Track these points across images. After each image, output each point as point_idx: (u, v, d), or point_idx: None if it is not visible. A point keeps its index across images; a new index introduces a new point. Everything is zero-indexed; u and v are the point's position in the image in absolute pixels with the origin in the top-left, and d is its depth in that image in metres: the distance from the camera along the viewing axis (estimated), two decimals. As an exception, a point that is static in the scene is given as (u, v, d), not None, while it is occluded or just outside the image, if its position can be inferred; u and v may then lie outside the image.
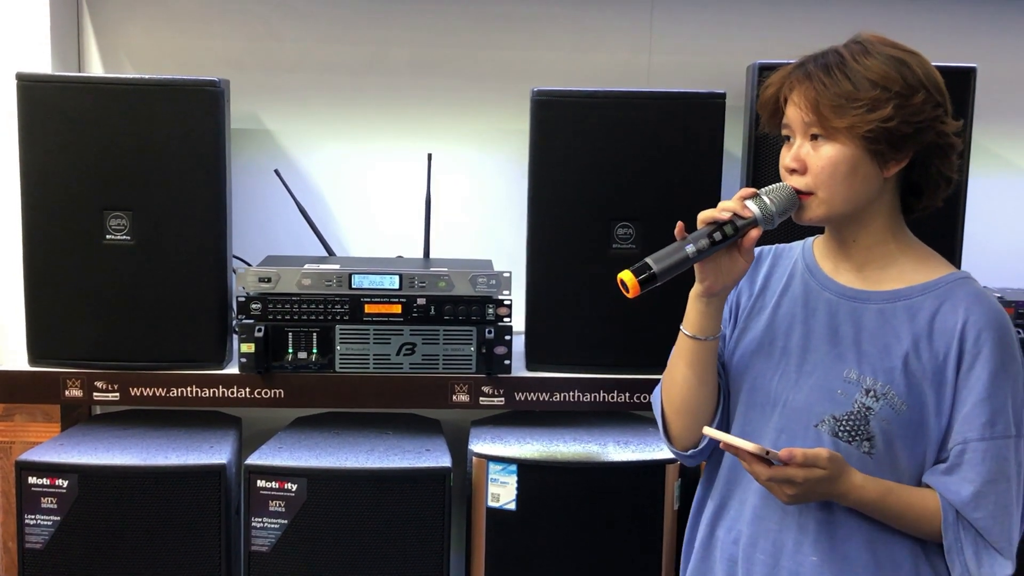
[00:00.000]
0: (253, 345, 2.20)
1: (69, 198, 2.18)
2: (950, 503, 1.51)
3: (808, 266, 1.66)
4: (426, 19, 2.63)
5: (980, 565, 1.51)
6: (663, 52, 2.66)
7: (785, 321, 1.63)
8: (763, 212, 1.52)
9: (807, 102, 1.50)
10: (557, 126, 2.21)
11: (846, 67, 1.49)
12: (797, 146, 1.53)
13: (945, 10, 2.67)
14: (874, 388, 1.52)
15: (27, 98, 2.16)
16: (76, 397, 2.23)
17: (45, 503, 2.10)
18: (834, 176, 1.50)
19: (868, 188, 1.53)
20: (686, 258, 1.49)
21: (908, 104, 1.48)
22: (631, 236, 2.23)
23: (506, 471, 2.16)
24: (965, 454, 1.50)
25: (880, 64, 1.49)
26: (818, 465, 1.46)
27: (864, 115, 1.46)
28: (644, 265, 1.48)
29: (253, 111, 2.63)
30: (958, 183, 2.17)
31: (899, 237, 1.60)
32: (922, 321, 1.54)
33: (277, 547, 2.11)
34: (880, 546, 1.55)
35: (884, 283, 1.58)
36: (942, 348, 1.52)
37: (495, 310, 2.24)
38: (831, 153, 1.50)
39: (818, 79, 1.50)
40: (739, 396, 1.65)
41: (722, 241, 1.51)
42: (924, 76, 1.51)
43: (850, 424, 1.53)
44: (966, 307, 1.53)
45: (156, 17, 2.59)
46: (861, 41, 1.54)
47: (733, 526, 1.64)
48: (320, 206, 2.65)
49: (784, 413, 1.58)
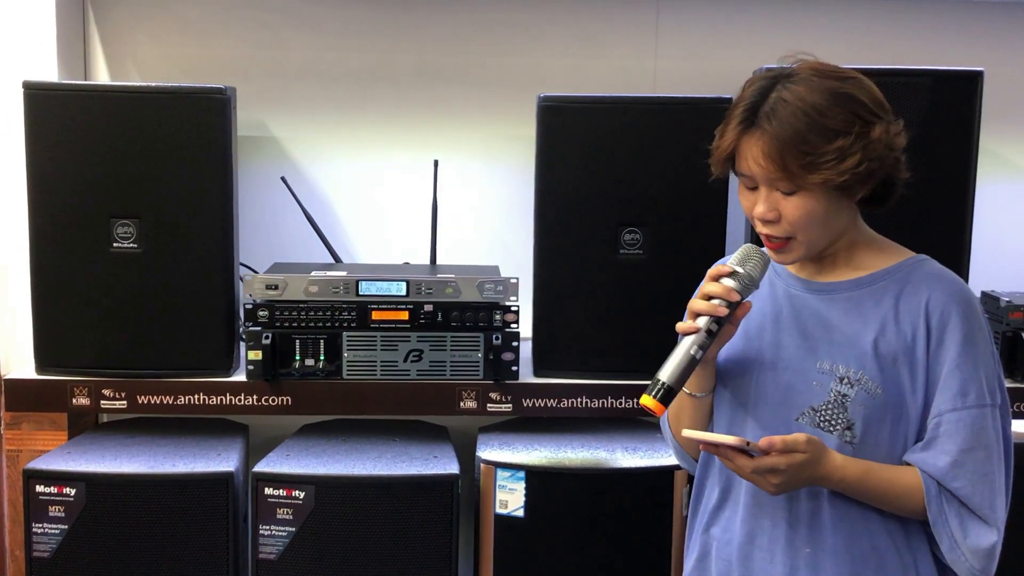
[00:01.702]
0: (260, 352, 2.20)
1: (76, 206, 2.18)
2: (930, 476, 1.53)
3: (773, 265, 1.67)
4: (432, 27, 2.63)
5: (966, 535, 1.52)
6: (669, 57, 2.66)
7: (755, 322, 1.65)
8: (744, 286, 1.55)
9: (768, 160, 1.48)
10: (564, 132, 2.21)
11: (799, 116, 1.47)
12: (766, 196, 1.53)
13: (952, 14, 2.67)
14: (848, 375, 1.55)
15: (34, 106, 2.16)
16: (83, 405, 2.23)
17: (53, 511, 2.10)
18: (811, 223, 1.52)
19: (842, 220, 1.57)
20: (693, 360, 1.54)
21: (870, 141, 1.48)
22: (638, 241, 2.22)
23: (514, 478, 2.15)
24: (940, 427, 1.53)
25: (831, 106, 1.47)
26: (798, 449, 1.49)
27: (836, 167, 1.46)
28: (658, 384, 1.53)
29: (260, 119, 2.63)
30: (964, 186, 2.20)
31: (859, 236, 1.62)
32: (887, 304, 1.56)
33: (285, 555, 2.11)
34: (863, 534, 1.57)
35: (847, 274, 1.61)
36: (909, 328, 1.54)
37: (502, 316, 2.24)
38: (803, 204, 1.51)
39: (776, 135, 1.47)
40: (722, 398, 1.68)
41: (718, 329, 1.55)
42: (872, 103, 1.50)
43: (829, 413, 1.55)
44: (928, 285, 1.56)
45: (162, 25, 2.60)
46: (798, 75, 1.51)
47: (728, 526, 1.67)
48: (327, 213, 2.65)
49: (764, 411, 1.61)
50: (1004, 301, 2.28)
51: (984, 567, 1.53)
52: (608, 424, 2.42)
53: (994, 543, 1.52)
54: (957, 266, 2.21)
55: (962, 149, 2.20)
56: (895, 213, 2.14)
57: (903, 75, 2.18)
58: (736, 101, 1.55)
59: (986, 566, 1.53)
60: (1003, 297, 2.30)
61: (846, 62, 1.58)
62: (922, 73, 2.19)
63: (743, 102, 1.53)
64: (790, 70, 1.54)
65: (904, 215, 2.17)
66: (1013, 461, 1.57)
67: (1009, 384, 2.26)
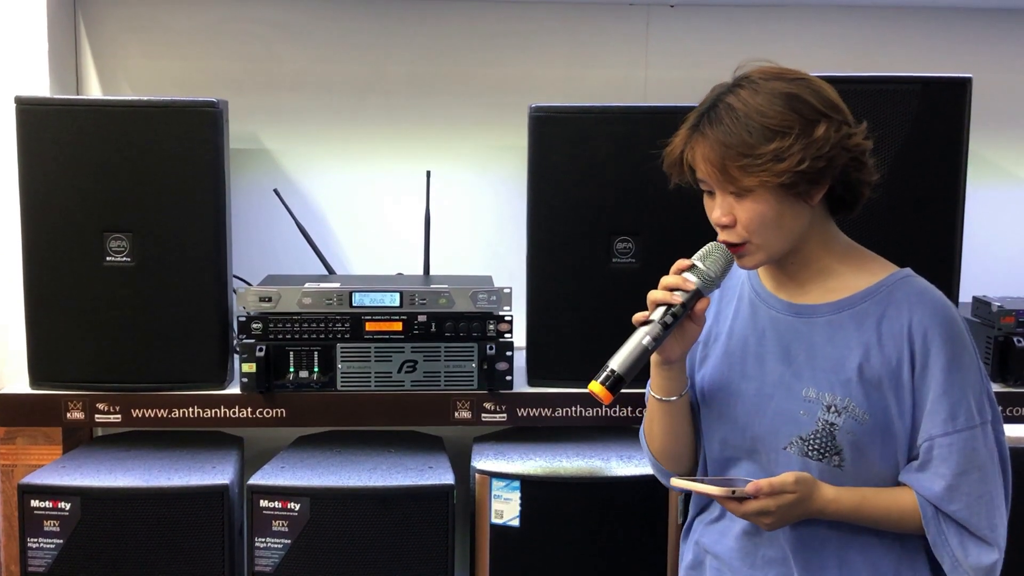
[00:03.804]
0: (254, 365, 2.20)
1: (69, 220, 2.18)
2: (926, 499, 1.53)
3: (754, 287, 1.67)
4: (423, 38, 2.64)
5: (967, 555, 1.52)
6: (660, 66, 2.67)
7: (739, 347, 1.64)
8: (704, 280, 1.54)
9: (711, 165, 1.50)
10: (555, 142, 2.21)
11: (739, 118, 1.47)
12: (721, 201, 1.53)
13: (940, 21, 2.68)
14: (834, 403, 1.54)
15: (26, 121, 2.16)
16: (78, 419, 2.23)
17: (48, 526, 2.09)
18: (764, 226, 1.51)
19: (799, 222, 1.54)
20: (645, 350, 1.53)
21: (812, 140, 1.46)
22: (631, 250, 2.23)
23: (509, 487, 2.15)
24: (933, 451, 1.52)
25: (772, 106, 1.47)
26: (786, 491, 1.49)
27: (772, 167, 1.45)
28: (608, 372, 1.52)
29: (252, 131, 2.63)
30: (955, 192, 2.21)
31: (834, 248, 1.61)
32: (869, 328, 1.55)
33: (281, 567, 2.10)
34: (857, 553, 1.57)
35: (828, 295, 1.59)
36: (893, 353, 1.53)
37: (496, 326, 2.24)
38: (754, 207, 1.50)
39: (715, 139, 1.48)
40: (711, 424, 1.67)
41: (674, 322, 1.54)
42: (819, 103, 1.49)
43: (817, 443, 1.54)
44: (909, 307, 1.54)
45: (154, 39, 2.60)
46: (747, 80, 1.52)
47: (722, 540, 1.67)
48: (320, 225, 2.65)
49: (752, 439, 1.60)
50: (995, 306, 2.29)
51: None
52: (603, 433, 2.42)
53: (995, 561, 1.53)
54: (948, 271, 2.22)
55: (952, 155, 2.20)
56: (886, 219, 2.17)
57: (892, 82, 2.19)
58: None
59: None
60: (994, 302, 2.30)
61: (835, 70, 1.59)
62: (911, 80, 2.20)
63: (696, 109, 1.54)
64: (743, 75, 1.54)
65: (895, 221, 2.19)
66: (1010, 470, 1.57)
67: (1001, 389, 2.27)
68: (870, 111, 2.15)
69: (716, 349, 1.68)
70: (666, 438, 1.70)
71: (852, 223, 1.63)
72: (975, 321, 2.36)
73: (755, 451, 1.60)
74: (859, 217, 1.62)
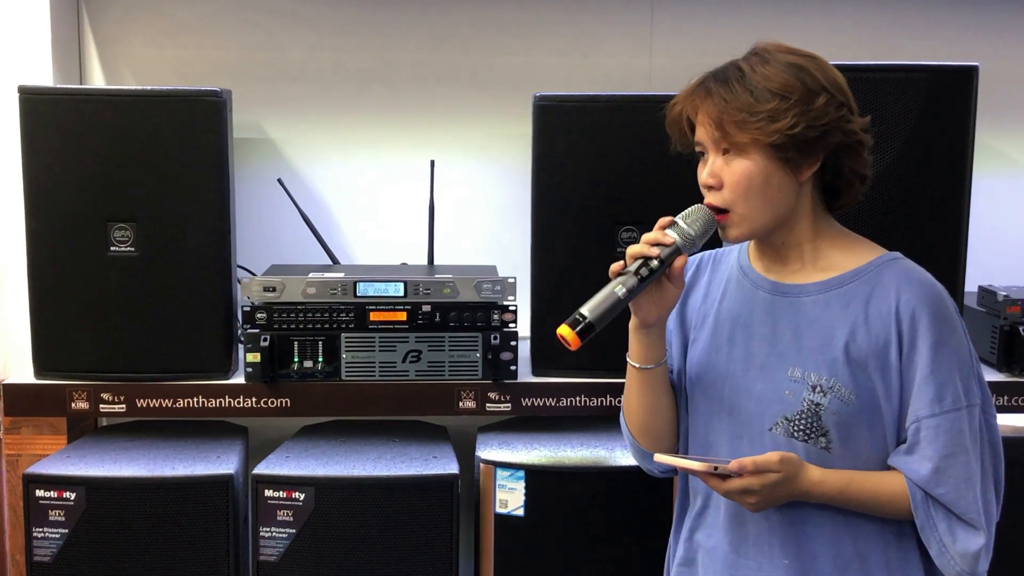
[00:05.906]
0: (259, 354, 2.20)
1: (73, 210, 2.18)
2: (914, 482, 1.52)
3: (743, 267, 1.67)
4: (427, 27, 2.64)
5: (955, 540, 1.52)
6: (664, 55, 2.66)
7: (726, 327, 1.65)
8: (683, 238, 1.54)
9: (710, 119, 1.52)
10: (559, 131, 2.21)
11: (745, 80, 1.50)
12: (711, 162, 1.55)
13: (947, 9, 2.67)
14: (820, 383, 1.53)
15: (29, 111, 2.16)
16: (82, 409, 2.23)
17: (53, 516, 2.10)
18: (749, 189, 1.52)
19: (785, 196, 1.54)
20: (618, 300, 1.53)
21: (810, 108, 1.48)
22: (636, 239, 2.22)
23: (514, 477, 2.15)
24: (920, 432, 1.52)
25: (778, 72, 1.50)
26: (771, 469, 1.49)
27: (766, 126, 1.47)
28: (578, 316, 1.52)
29: (256, 121, 2.63)
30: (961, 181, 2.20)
31: (825, 232, 1.61)
32: (856, 307, 1.55)
33: (286, 556, 2.11)
34: (847, 539, 1.56)
35: (816, 275, 1.59)
36: (881, 333, 1.53)
37: (500, 316, 2.24)
38: (742, 167, 1.51)
39: (718, 95, 1.51)
40: (697, 406, 1.67)
41: (649, 276, 1.54)
42: (824, 79, 1.51)
43: (803, 423, 1.54)
44: (896, 288, 1.54)
45: (157, 28, 2.60)
46: (759, 51, 1.55)
47: (712, 532, 1.67)
48: (324, 214, 2.65)
49: (738, 420, 1.60)
50: (1001, 295, 2.28)
51: (973, 569, 1.52)
52: (607, 423, 2.41)
53: (982, 546, 1.52)
54: (954, 260, 2.21)
55: (958, 143, 2.20)
56: (892, 208, 2.16)
57: (899, 71, 2.18)
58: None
59: (975, 568, 1.52)
60: (1000, 291, 2.30)
61: (842, 58, 1.59)
62: (918, 68, 2.19)
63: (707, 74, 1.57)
64: (756, 48, 1.56)
65: (901, 209, 2.19)
66: (1002, 454, 1.57)
67: (1007, 378, 2.27)
68: (876, 99, 2.14)
69: (704, 331, 1.68)
70: (644, 412, 1.69)
71: (858, 210, 1.63)
72: (981, 311, 2.35)
73: (741, 433, 1.60)
74: (864, 205, 1.62)
